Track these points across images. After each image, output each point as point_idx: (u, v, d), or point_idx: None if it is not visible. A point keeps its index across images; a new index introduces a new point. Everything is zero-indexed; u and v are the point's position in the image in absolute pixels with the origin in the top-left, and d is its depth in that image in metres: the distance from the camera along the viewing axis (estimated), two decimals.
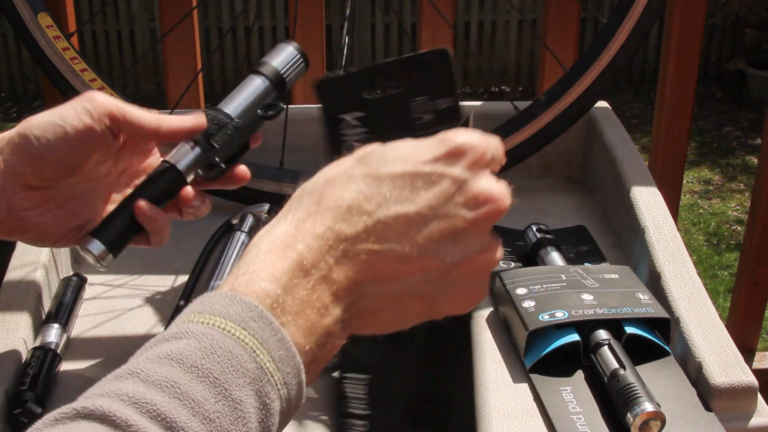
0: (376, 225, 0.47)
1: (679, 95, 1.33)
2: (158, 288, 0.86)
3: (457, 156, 0.49)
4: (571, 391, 0.73)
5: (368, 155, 0.50)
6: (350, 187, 0.48)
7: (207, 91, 1.77)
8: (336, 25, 4.70)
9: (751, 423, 0.72)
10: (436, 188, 0.48)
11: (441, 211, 0.48)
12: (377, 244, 0.47)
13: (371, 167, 0.49)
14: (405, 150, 0.49)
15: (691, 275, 0.83)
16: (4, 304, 0.77)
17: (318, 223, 0.47)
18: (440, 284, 0.49)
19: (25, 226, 0.62)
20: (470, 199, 0.48)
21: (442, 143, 0.49)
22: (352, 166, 0.49)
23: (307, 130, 1.02)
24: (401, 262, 0.47)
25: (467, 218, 0.48)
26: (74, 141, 0.60)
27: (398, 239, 0.47)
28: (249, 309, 0.43)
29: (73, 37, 1.07)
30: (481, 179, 0.49)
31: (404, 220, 0.47)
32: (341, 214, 0.47)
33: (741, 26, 4.86)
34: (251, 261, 0.46)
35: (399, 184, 0.48)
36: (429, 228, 0.48)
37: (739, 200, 3.72)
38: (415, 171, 0.48)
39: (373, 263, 0.47)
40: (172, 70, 1.30)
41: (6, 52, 4.89)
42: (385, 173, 0.48)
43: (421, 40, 1.35)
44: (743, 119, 4.56)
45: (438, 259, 0.48)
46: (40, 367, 0.71)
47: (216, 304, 0.43)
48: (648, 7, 0.98)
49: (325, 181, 0.49)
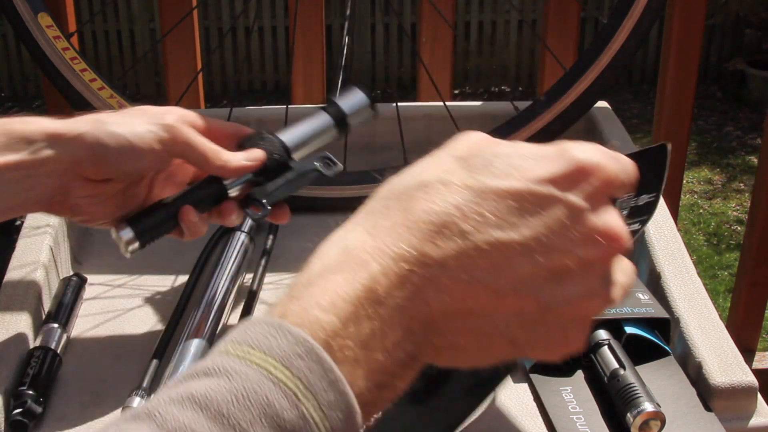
0: (469, 250, 0.40)
1: (679, 95, 1.33)
2: (158, 288, 0.86)
3: (579, 178, 0.41)
4: (571, 391, 0.73)
5: (473, 157, 0.43)
6: (446, 197, 0.41)
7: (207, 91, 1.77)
8: (336, 25, 4.70)
9: (751, 423, 0.72)
10: (548, 215, 0.41)
11: (549, 245, 0.40)
12: (467, 274, 0.40)
13: (474, 176, 0.41)
14: (517, 159, 0.42)
15: (691, 275, 0.83)
16: (4, 304, 0.77)
17: (401, 238, 0.40)
18: (533, 327, 0.41)
19: (77, 210, 0.66)
20: (586, 234, 0.41)
21: (563, 159, 0.42)
22: (452, 168, 0.42)
23: None
24: (493, 297, 0.40)
25: (579, 257, 0.41)
26: (143, 161, 0.64)
27: (493, 270, 0.40)
28: (296, 343, 0.37)
29: (73, 37, 1.07)
30: (603, 212, 0.42)
31: (504, 249, 0.40)
32: (430, 232, 0.40)
33: (741, 26, 4.86)
34: (311, 280, 0.39)
35: (505, 205, 0.40)
36: (532, 262, 0.40)
37: (739, 200, 3.71)
38: (526, 190, 0.41)
39: (460, 295, 0.40)
40: (172, 70, 1.30)
41: (6, 52, 4.89)
42: (489, 188, 0.41)
43: (421, 40, 1.35)
44: (743, 119, 4.56)
45: (536, 299, 0.41)
46: (40, 367, 0.71)
47: (258, 334, 0.37)
48: (648, 7, 0.98)
49: (417, 184, 0.42)
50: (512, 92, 4.99)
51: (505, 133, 1.01)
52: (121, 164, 0.64)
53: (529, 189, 0.41)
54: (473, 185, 0.41)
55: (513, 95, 4.95)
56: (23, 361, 0.72)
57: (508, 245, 0.40)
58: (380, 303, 0.38)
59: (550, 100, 1.01)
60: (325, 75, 1.35)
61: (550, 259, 0.40)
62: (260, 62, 5.02)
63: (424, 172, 0.43)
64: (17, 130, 0.63)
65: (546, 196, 0.41)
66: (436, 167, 0.43)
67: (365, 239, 0.40)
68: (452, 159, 0.43)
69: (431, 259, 0.39)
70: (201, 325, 0.75)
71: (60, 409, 0.70)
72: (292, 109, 1.01)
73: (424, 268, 0.39)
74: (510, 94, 4.96)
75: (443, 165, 0.43)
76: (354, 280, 0.39)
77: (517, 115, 1.03)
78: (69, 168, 0.63)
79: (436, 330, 0.40)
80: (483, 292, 0.40)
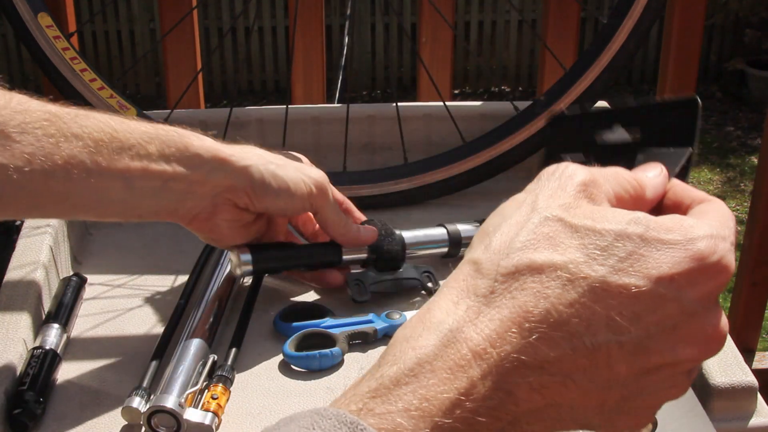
0: (573, 352, 0.36)
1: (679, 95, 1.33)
2: (158, 288, 0.86)
3: (700, 278, 0.38)
4: None
5: (587, 233, 0.38)
6: (561, 293, 0.37)
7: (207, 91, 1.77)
8: (336, 25, 4.70)
9: (751, 423, 0.72)
10: (660, 314, 0.37)
11: (651, 346, 0.37)
12: (564, 374, 0.37)
13: (591, 265, 0.37)
14: (640, 246, 0.37)
15: None
16: (4, 304, 0.77)
17: (508, 340, 0.36)
18: (610, 415, 0.39)
19: (215, 230, 0.70)
20: (693, 336, 0.38)
21: (687, 252, 0.38)
22: (564, 242, 0.38)
23: (306, 130, 1.02)
24: (582, 394, 0.38)
25: (677, 355, 0.38)
26: (292, 205, 0.70)
27: (591, 371, 0.37)
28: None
29: (73, 37, 1.07)
30: (714, 311, 0.39)
31: (608, 351, 0.37)
32: (540, 333, 0.36)
33: (741, 26, 4.86)
34: (400, 378, 0.35)
35: (619, 305, 0.37)
36: (631, 363, 0.38)
37: (739, 200, 3.71)
38: (647, 291, 0.37)
39: (551, 395, 0.37)
40: (172, 70, 1.30)
41: (6, 52, 4.89)
42: (608, 284, 0.37)
43: (421, 40, 1.35)
44: (743, 119, 4.56)
45: (622, 394, 0.38)
46: (40, 367, 0.71)
47: None
48: (648, 7, 0.98)
49: (527, 264, 0.37)
50: (512, 92, 4.99)
51: (505, 133, 1.01)
52: (274, 203, 0.69)
53: (650, 290, 0.37)
54: (591, 278, 0.37)
55: (513, 95, 4.95)
56: (23, 361, 0.72)
57: (613, 348, 0.37)
58: (473, 411, 0.35)
59: (550, 100, 1.01)
60: (325, 75, 1.35)
61: (649, 359, 0.38)
62: (260, 62, 5.02)
63: (531, 242, 0.38)
64: (193, 146, 0.66)
65: (663, 296, 0.37)
66: (542, 234, 0.38)
67: (469, 330, 0.36)
68: (561, 225, 0.38)
69: (534, 362, 0.36)
70: (201, 325, 0.75)
71: (60, 409, 0.70)
72: (292, 109, 1.01)
73: (524, 371, 0.36)
74: (510, 94, 4.96)
75: (551, 231, 0.38)
76: (451, 388, 0.35)
77: (516, 115, 1.03)
78: (225, 192, 0.67)
79: (515, 423, 0.37)
80: (575, 390, 0.37)
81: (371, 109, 1.04)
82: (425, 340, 0.36)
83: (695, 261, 0.38)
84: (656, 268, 0.37)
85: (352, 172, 0.99)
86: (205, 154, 0.66)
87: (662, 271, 0.37)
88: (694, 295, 0.38)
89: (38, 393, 0.69)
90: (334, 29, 4.65)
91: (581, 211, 0.39)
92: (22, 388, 0.69)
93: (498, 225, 0.40)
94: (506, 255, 0.38)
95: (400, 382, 0.35)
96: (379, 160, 1.04)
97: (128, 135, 0.63)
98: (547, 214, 0.39)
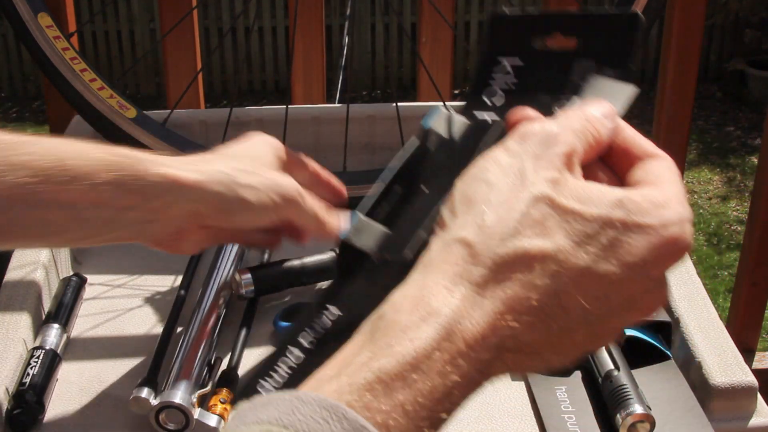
0: (555, 333, 0.39)
1: (679, 95, 1.33)
2: (158, 288, 0.86)
3: (669, 258, 0.41)
4: (565, 391, 0.73)
5: (574, 214, 0.40)
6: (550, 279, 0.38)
7: (207, 91, 1.77)
8: (336, 25, 4.70)
9: (751, 423, 0.72)
10: (624, 294, 0.40)
11: (611, 318, 0.40)
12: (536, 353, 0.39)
13: (576, 262, 0.39)
14: (621, 236, 0.40)
15: (691, 275, 0.83)
16: (4, 304, 0.77)
17: (496, 326, 0.38)
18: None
19: (184, 248, 0.68)
20: (645, 306, 0.41)
21: (662, 238, 0.40)
22: (553, 226, 0.39)
23: (306, 130, 1.02)
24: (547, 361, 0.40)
25: (625, 323, 0.41)
26: (260, 221, 0.67)
27: (562, 345, 0.40)
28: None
29: (73, 37, 1.07)
30: (665, 286, 0.42)
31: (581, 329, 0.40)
32: (521, 317, 0.38)
33: (741, 26, 4.86)
34: (398, 374, 0.36)
35: (599, 290, 0.39)
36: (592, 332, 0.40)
37: (739, 200, 3.72)
38: (623, 276, 0.39)
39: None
40: (172, 70, 1.30)
41: (6, 52, 4.89)
42: (591, 271, 0.39)
43: (421, 40, 1.35)
44: (743, 119, 4.56)
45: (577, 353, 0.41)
46: (40, 367, 0.71)
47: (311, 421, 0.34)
48: (648, 7, 0.98)
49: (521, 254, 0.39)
50: None
51: None
52: (241, 220, 0.66)
53: (624, 275, 0.39)
54: (576, 267, 0.39)
55: None
56: (23, 361, 0.72)
57: (581, 326, 0.39)
58: (460, 397, 0.37)
59: None
60: (324, 75, 1.35)
61: (604, 329, 0.40)
62: (260, 62, 5.02)
63: (524, 227, 0.39)
64: (150, 173, 0.62)
65: (632, 279, 0.40)
66: (534, 219, 0.39)
67: (465, 322, 0.37)
68: (551, 208, 0.40)
69: (515, 346, 0.38)
70: (204, 324, 0.75)
71: (60, 409, 0.70)
72: (292, 109, 1.01)
73: (505, 355, 0.38)
74: None
75: (541, 215, 0.39)
76: (446, 381, 0.36)
77: None
78: (187, 217, 0.64)
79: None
80: (539, 359, 0.39)
81: (371, 109, 1.04)
82: (423, 332, 0.37)
83: (667, 245, 0.40)
84: (633, 255, 0.39)
85: (352, 172, 0.99)
86: (163, 180, 0.62)
87: (638, 257, 0.39)
88: (657, 273, 0.41)
89: (38, 393, 0.69)
90: (334, 29, 4.65)
91: (568, 189, 0.40)
92: (22, 388, 0.69)
93: (486, 196, 0.41)
94: (500, 241, 0.39)
95: (398, 377, 0.36)
96: (379, 160, 1.04)
97: (79, 163, 0.60)
98: (537, 193, 0.40)
